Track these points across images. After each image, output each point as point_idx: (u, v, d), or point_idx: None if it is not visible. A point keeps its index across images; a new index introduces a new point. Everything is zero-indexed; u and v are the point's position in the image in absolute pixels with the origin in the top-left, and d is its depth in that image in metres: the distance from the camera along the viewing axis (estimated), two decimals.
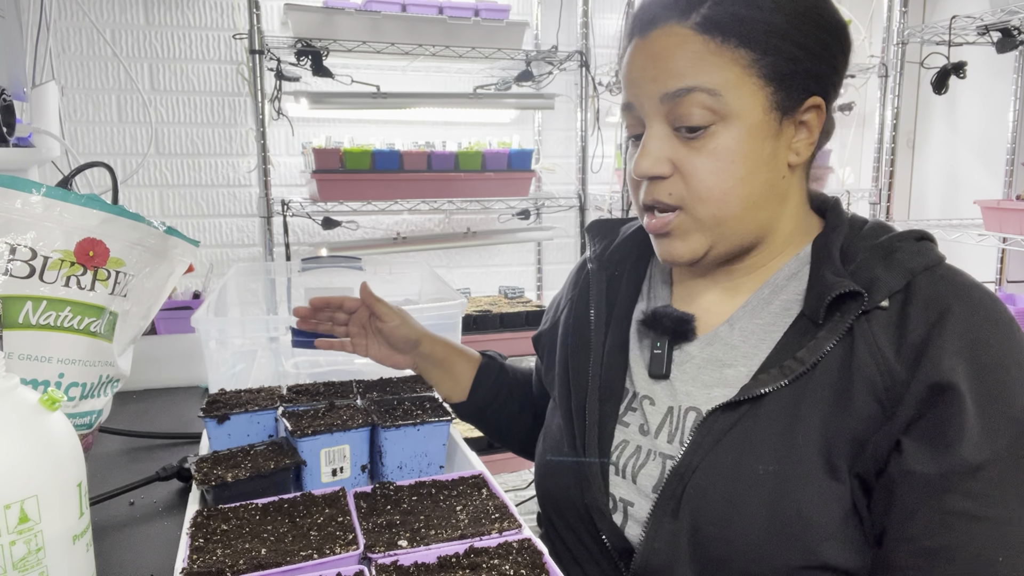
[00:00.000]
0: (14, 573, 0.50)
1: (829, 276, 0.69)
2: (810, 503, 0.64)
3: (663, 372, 0.77)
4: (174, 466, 0.92)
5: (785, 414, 0.67)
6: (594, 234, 0.94)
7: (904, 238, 0.71)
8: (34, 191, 0.80)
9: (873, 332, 0.66)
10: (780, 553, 0.64)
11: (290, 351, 1.24)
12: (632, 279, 0.87)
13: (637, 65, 0.73)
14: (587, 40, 2.13)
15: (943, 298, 0.66)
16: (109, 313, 0.86)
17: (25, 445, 0.52)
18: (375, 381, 0.89)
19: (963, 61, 1.90)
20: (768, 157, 0.71)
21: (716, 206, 0.71)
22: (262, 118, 1.84)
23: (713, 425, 0.70)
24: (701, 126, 0.69)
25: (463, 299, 1.17)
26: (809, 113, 0.72)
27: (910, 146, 2.62)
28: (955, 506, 0.60)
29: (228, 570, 0.54)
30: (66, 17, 1.99)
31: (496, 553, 0.57)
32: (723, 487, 0.67)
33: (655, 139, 0.72)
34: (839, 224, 0.75)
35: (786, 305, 0.74)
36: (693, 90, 0.68)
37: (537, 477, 0.87)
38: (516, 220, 2.39)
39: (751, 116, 0.69)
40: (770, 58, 0.69)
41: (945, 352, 0.63)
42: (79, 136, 2.05)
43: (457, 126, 2.36)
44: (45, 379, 0.82)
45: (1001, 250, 2.30)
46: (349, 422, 0.73)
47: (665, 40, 0.71)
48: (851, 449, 0.65)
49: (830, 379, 0.66)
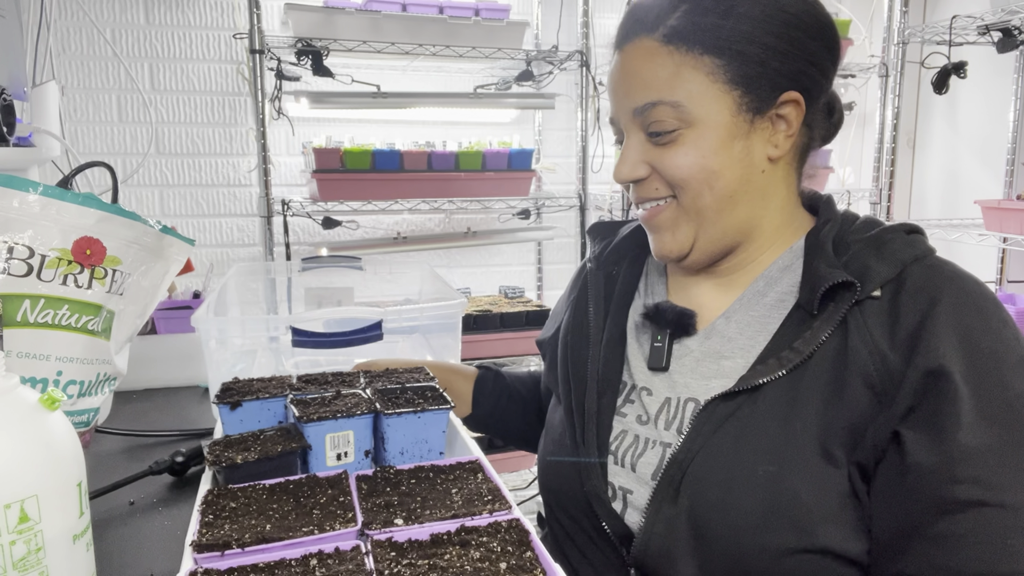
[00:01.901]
0: (14, 573, 0.50)
1: (822, 267, 0.71)
2: (807, 488, 0.65)
3: (663, 365, 0.79)
4: (166, 460, 0.93)
5: (782, 403, 0.69)
6: (594, 235, 0.97)
7: (895, 230, 0.73)
8: (31, 190, 0.80)
9: (866, 321, 0.68)
10: (777, 537, 0.65)
11: (290, 350, 1.23)
12: (629, 276, 0.90)
13: (614, 80, 0.79)
14: (587, 40, 2.13)
15: (934, 287, 0.67)
16: (106, 311, 0.86)
17: (25, 445, 0.52)
18: (381, 372, 0.92)
19: (964, 61, 1.90)
20: (740, 155, 0.74)
21: (695, 194, 0.75)
22: (262, 118, 1.84)
23: (712, 414, 0.71)
24: (669, 129, 0.73)
25: (463, 299, 1.16)
26: (786, 107, 0.74)
27: (911, 146, 2.62)
28: (958, 493, 0.61)
29: (234, 543, 0.57)
30: (66, 16, 1.98)
31: (486, 531, 0.60)
32: (721, 473, 0.69)
33: (631, 147, 0.77)
34: (831, 218, 0.77)
35: (781, 297, 0.75)
36: (657, 104, 0.73)
37: (540, 471, 0.90)
38: (516, 220, 2.39)
39: (717, 119, 0.72)
40: (736, 63, 0.72)
41: (938, 339, 0.64)
42: (79, 136, 2.05)
43: (457, 126, 2.36)
44: (43, 377, 0.82)
45: (1001, 250, 2.30)
46: (353, 409, 0.77)
47: (635, 53, 0.75)
48: (848, 437, 0.66)
49: (825, 369, 0.68)
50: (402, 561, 0.55)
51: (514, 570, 0.54)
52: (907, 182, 2.65)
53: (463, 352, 1.22)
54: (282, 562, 0.56)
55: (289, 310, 1.55)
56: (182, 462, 0.93)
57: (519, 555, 0.56)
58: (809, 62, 0.74)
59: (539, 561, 0.55)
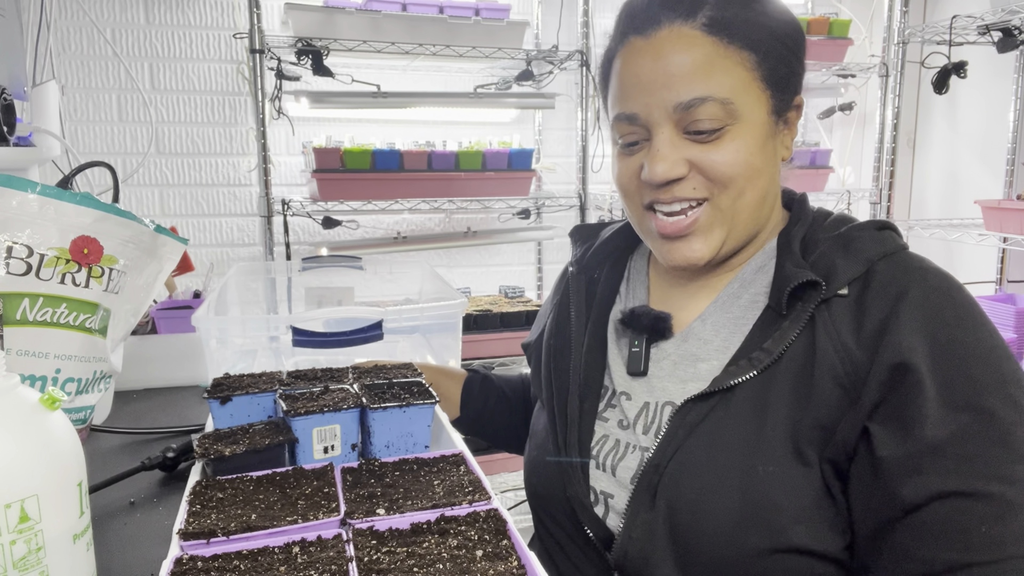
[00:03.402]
0: (14, 572, 0.50)
1: (789, 267, 0.71)
2: (779, 489, 0.65)
3: (641, 370, 0.79)
4: (158, 456, 0.93)
5: (754, 404, 0.68)
6: (576, 238, 0.96)
7: (864, 228, 0.73)
8: (29, 190, 0.80)
9: (833, 320, 0.67)
10: (751, 538, 0.65)
11: (290, 350, 1.24)
12: (610, 281, 0.89)
13: (644, 69, 0.72)
14: (587, 40, 2.13)
15: (900, 282, 0.67)
16: (103, 310, 0.86)
17: (25, 444, 0.52)
18: (370, 368, 0.92)
19: (964, 61, 1.90)
20: (771, 155, 0.74)
21: (736, 194, 0.72)
22: (262, 117, 1.84)
23: (686, 416, 0.71)
24: (715, 128, 0.70)
25: (463, 298, 1.16)
26: (792, 111, 0.75)
27: (911, 146, 2.62)
28: (927, 484, 0.61)
29: (220, 531, 0.59)
30: (66, 16, 1.98)
31: (464, 521, 0.61)
32: (696, 476, 0.69)
33: (666, 144, 0.72)
34: (802, 217, 0.77)
35: (754, 298, 0.75)
36: (707, 100, 0.69)
37: (525, 476, 0.89)
38: (516, 220, 2.39)
39: (757, 117, 0.71)
40: (770, 60, 0.71)
41: (903, 333, 0.63)
42: (79, 135, 2.05)
43: (457, 125, 2.36)
44: (43, 375, 0.82)
45: (1001, 250, 2.30)
46: (340, 403, 0.78)
47: (672, 42, 0.70)
48: (819, 435, 0.66)
49: (795, 368, 0.68)
50: (382, 549, 0.57)
51: (489, 557, 0.56)
52: (907, 182, 2.65)
53: (463, 352, 1.22)
54: (265, 549, 0.58)
55: (289, 310, 1.55)
56: (173, 457, 0.93)
57: (495, 543, 0.58)
58: (804, 66, 0.75)
59: (515, 549, 0.57)
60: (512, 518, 0.61)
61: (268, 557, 0.57)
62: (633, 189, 0.77)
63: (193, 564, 0.55)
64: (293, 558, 0.56)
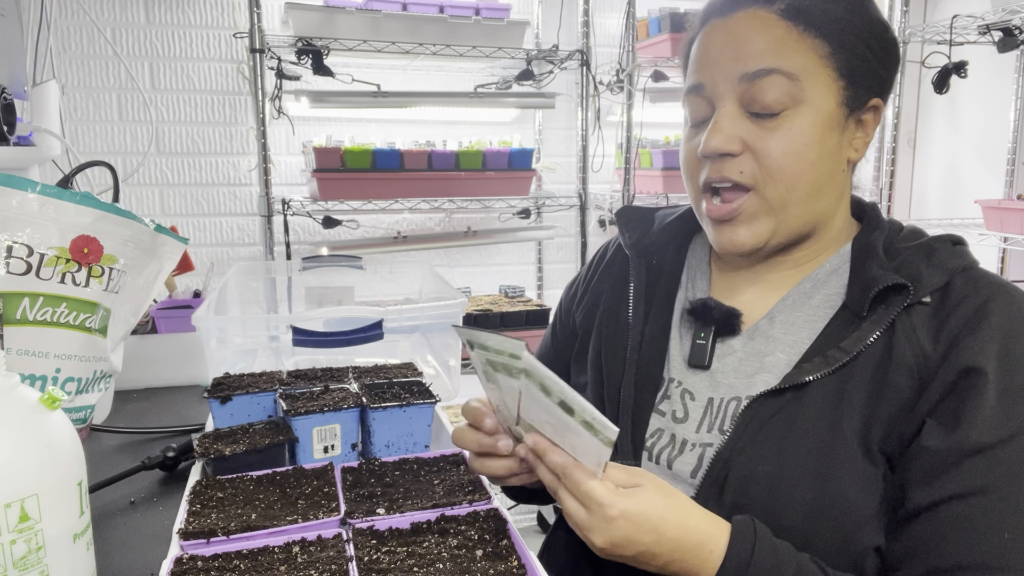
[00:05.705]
0: (14, 572, 0.50)
1: (875, 270, 0.71)
2: (853, 488, 0.66)
3: (705, 363, 0.78)
4: (158, 455, 0.93)
5: (828, 403, 0.69)
6: (625, 221, 0.92)
7: (943, 240, 0.74)
8: (30, 189, 0.80)
9: (913, 325, 0.68)
10: (821, 535, 0.66)
11: (291, 350, 1.23)
12: (671, 269, 0.87)
13: (716, 44, 0.74)
14: (588, 39, 2.13)
15: (981, 294, 0.68)
16: (103, 309, 0.86)
17: (25, 444, 0.52)
18: (370, 368, 0.93)
19: (964, 60, 1.90)
20: (834, 148, 0.73)
21: (786, 187, 0.72)
22: (263, 117, 1.84)
23: (757, 412, 0.71)
24: (776, 110, 0.71)
25: (464, 298, 1.16)
26: (868, 113, 0.75)
27: (911, 145, 2.62)
28: (963, 480, 0.62)
29: (220, 531, 0.59)
30: (67, 16, 1.98)
31: (464, 521, 0.61)
32: (767, 471, 0.69)
33: (727, 117, 0.73)
34: (879, 225, 0.78)
35: (827, 299, 0.76)
36: (773, 72, 0.70)
37: None
38: (517, 219, 2.39)
39: (824, 105, 0.71)
40: (845, 53, 0.71)
41: (979, 342, 0.65)
42: (80, 135, 2.05)
43: (458, 125, 2.36)
44: (43, 374, 0.82)
45: (1002, 250, 2.30)
46: (340, 403, 0.78)
47: (748, 22, 0.72)
48: (882, 431, 0.67)
49: (870, 369, 0.69)
50: (382, 548, 0.57)
51: (490, 557, 0.56)
52: (907, 182, 2.65)
53: (463, 352, 1.22)
54: (265, 549, 0.58)
55: (289, 309, 1.55)
56: (173, 457, 0.93)
57: (495, 543, 0.58)
58: (891, 75, 0.75)
59: (515, 549, 0.57)
60: (512, 518, 0.62)
61: (268, 557, 0.57)
62: (693, 167, 0.78)
63: (193, 564, 0.56)
64: (293, 558, 0.56)
